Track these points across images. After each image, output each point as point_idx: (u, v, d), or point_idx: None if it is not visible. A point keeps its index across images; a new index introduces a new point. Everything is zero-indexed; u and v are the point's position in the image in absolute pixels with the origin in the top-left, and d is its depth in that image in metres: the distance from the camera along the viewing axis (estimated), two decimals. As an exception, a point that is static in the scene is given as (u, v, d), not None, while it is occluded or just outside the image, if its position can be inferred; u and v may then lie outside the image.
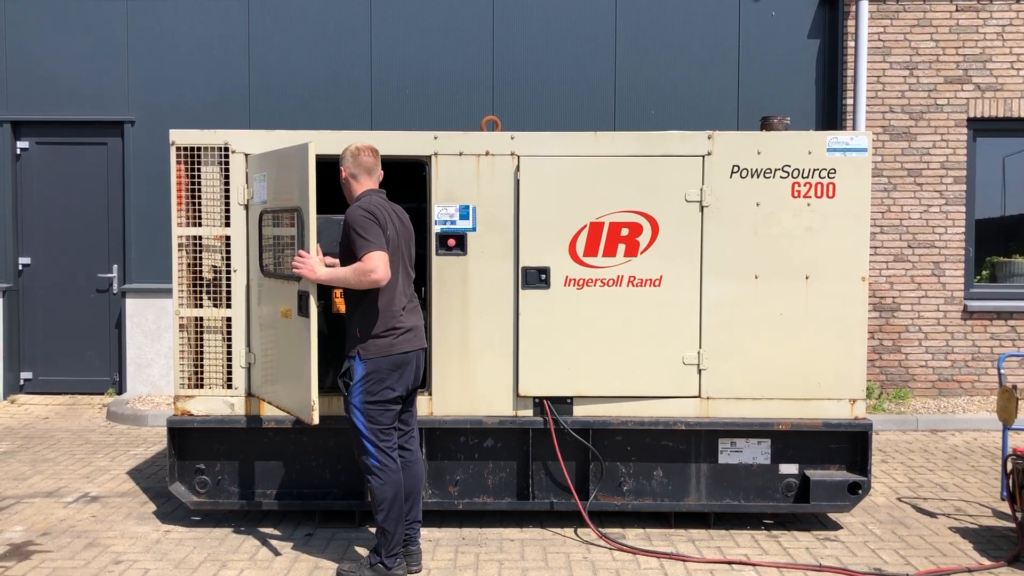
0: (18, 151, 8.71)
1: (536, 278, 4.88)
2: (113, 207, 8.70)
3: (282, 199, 4.52)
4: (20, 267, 8.76)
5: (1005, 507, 5.34)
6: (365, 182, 4.27)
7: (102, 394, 8.76)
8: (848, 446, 4.97)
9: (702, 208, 4.87)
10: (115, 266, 8.72)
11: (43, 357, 8.81)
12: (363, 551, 4.64)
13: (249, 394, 4.93)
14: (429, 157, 4.87)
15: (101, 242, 8.74)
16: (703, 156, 4.86)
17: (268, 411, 4.92)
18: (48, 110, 8.64)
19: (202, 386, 4.96)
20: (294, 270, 4.19)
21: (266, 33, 8.56)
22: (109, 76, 8.59)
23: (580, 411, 4.94)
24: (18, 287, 8.76)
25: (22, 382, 8.80)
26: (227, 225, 4.91)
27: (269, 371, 4.77)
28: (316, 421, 4.25)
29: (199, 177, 4.92)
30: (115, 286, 8.72)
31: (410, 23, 8.56)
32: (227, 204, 4.90)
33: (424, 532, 4.92)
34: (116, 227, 8.70)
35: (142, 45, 8.57)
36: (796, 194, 4.86)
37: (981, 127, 8.48)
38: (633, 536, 4.89)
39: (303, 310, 4.29)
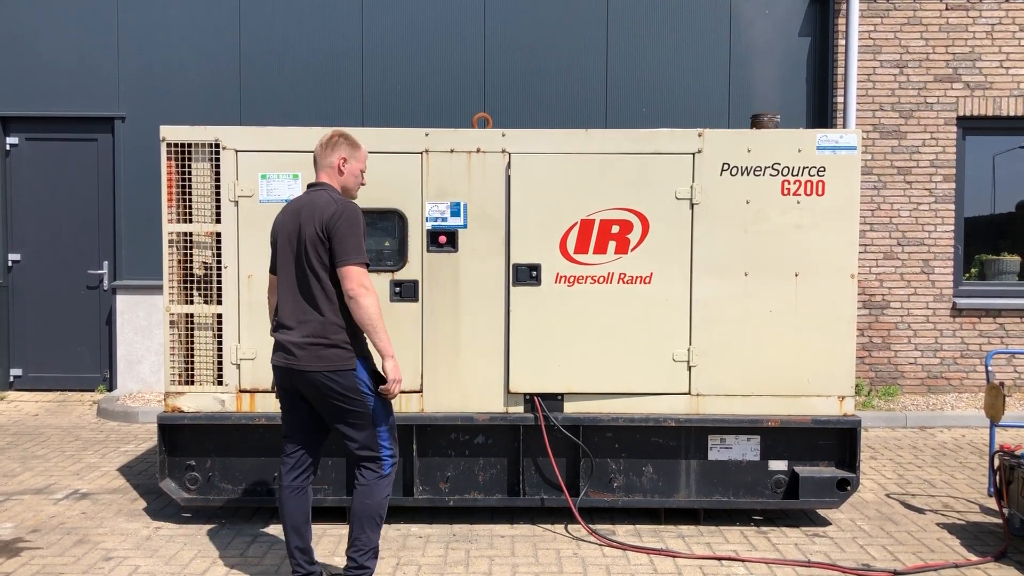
0: (7, 147, 8.67)
1: (527, 275, 4.89)
2: (103, 203, 8.67)
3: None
4: (10, 264, 8.72)
5: (992, 503, 5.39)
6: (315, 175, 3.96)
7: (92, 391, 8.74)
8: (837, 443, 5.00)
9: (692, 206, 4.88)
10: (105, 263, 8.69)
11: (33, 354, 8.78)
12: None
13: (241, 390, 4.92)
14: (420, 154, 4.88)
15: (91, 239, 8.71)
16: (693, 154, 4.88)
17: (259, 407, 4.92)
18: (38, 106, 8.60)
19: (193, 383, 4.95)
20: None
21: (257, 29, 8.54)
22: (99, 72, 8.56)
23: (570, 408, 4.95)
24: (8, 284, 8.72)
25: (12, 379, 8.76)
26: (218, 221, 4.90)
27: None
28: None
29: (190, 173, 4.91)
30: (105, 283, 8.69)
31: (402, 20, 8.55)
32: (218, 200, 4.90)
33: (415, 528, 4.94)
34: (106, 223, 8.67)
35: (132, 41, 8.54)
36: (786, 192, 4.88)
37: (970, 125, 8.53)
38: (623, 532, 4.91)
39: (406, 295, 4.84)
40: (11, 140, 8.68)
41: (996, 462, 4.88)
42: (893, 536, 4.91)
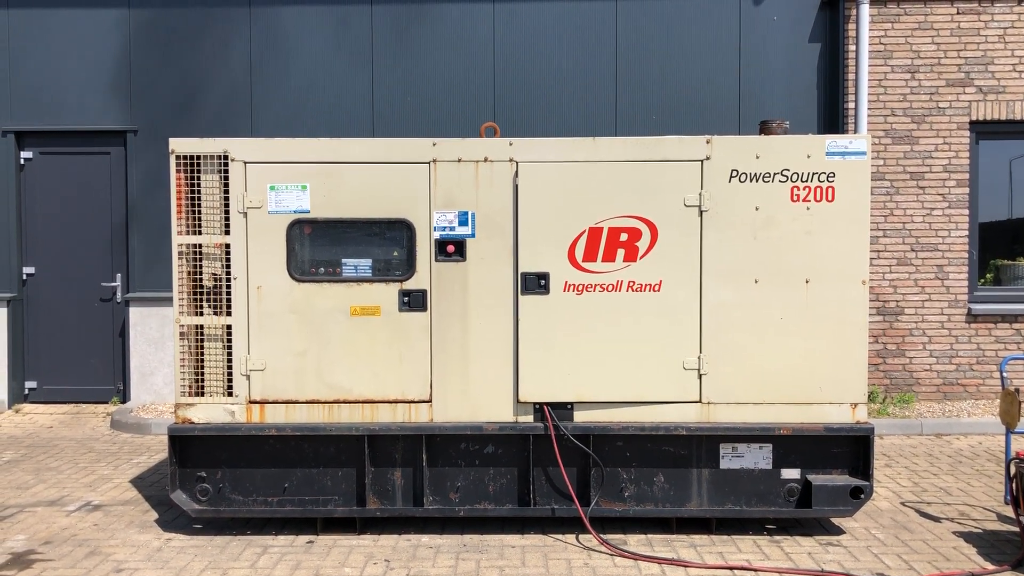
0: (22, 161, 8.75)
1: (535, 284, 4.88)
2: (116, 216, 8.73)
3: (364, 210, 4.85)
4: (24, 277, 8.79)
5: (1009, 511, 5.32)
6: None
7: (106, 403, 8.78)
8: (850, 450, 4.95)
9: (701, 213, 4.86)
10: (118, 275, 8.74)
11: (47, 366, 8.84)
12: (363, 559, 4.64)
13: (251, 401, 4.93)
14: (428, 163, 4.88)
15: (104, 251, 8.77)
16: (702, 160, 4.86)
17: (269, 418, 4.93)
18: (51, 120, 8.68)
19: (203, 394, 4.96)
20: None
21: (267, 42, 8.59)
22: (112, 86, 8.63)
23: (580, 417, 4.93)
24: (22, 296, 8.79)
25: (27, 391, 8.82)
26: (227, 233, 4.92)
27: (311, 370, 4.91)
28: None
29: (199, 185, 4.93)
30: (118, 295, 8.75)
31: (410, 31, 8.58)
32: (227, 212, 4.92)
33: (425, 539, 4.93)
34: (119, 236, 8.73)
35: (144, 54, 8.61)
36: (795, 198, 4.86)
37: (983, 130, 8.46)
38: (635, 542, 4.88)
39: (415, 305, 4.85)
40: (25, 154, 8.76)
41: (1012, 469, 4.82)
42: (908, 545, 4.85)
